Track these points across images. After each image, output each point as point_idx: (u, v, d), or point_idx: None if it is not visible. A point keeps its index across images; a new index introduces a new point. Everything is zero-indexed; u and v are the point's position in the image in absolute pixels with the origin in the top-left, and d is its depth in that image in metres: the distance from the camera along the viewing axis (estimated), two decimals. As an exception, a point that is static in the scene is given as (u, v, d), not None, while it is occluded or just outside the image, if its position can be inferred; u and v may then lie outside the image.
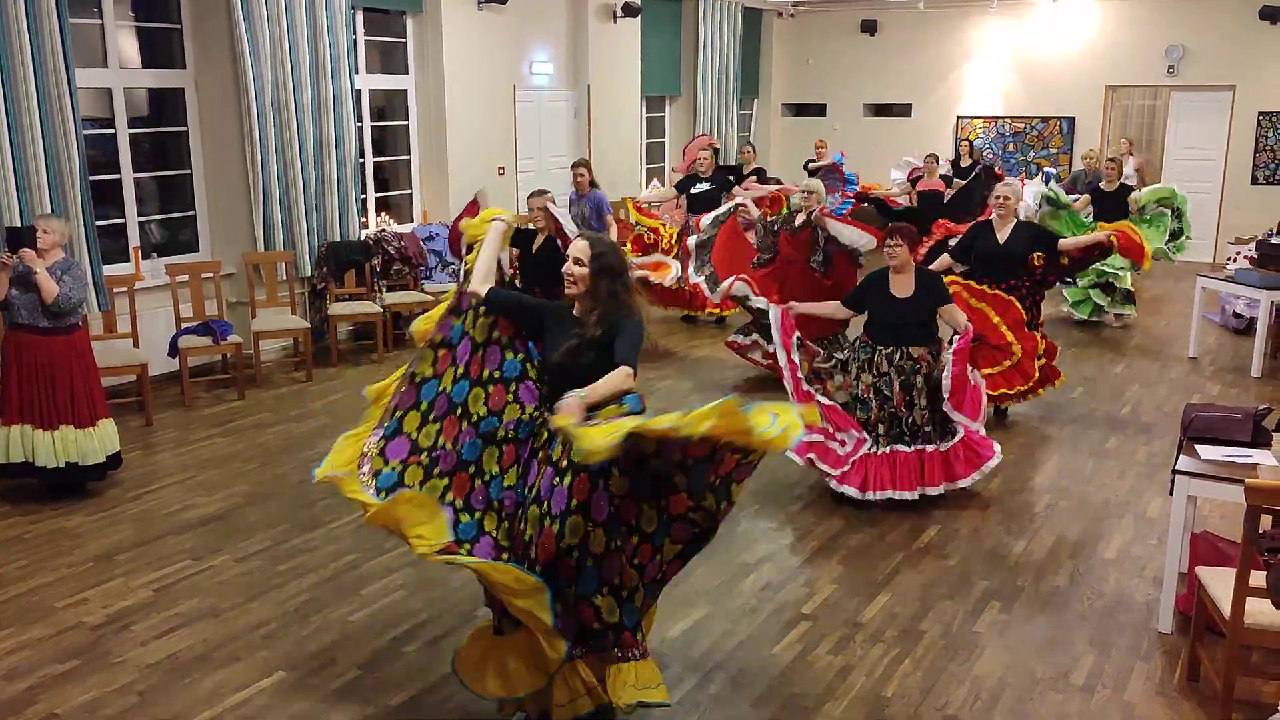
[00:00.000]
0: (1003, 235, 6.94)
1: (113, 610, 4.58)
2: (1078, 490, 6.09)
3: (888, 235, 5.77)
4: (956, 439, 5.68)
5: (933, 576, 4.97)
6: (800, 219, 7.84)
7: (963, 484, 5.71)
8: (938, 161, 12.25)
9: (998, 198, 7.02)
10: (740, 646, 4.32)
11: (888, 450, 5.68)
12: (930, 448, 5.68)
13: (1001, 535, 5.45)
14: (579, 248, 3.65)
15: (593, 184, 9.02)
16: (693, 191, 10.22)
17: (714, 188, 10.13)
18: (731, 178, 11.07)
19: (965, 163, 13.15)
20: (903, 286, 5.73)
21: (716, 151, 11.57)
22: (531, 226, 6.34)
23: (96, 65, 7.75)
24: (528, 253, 6.25)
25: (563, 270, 3.66)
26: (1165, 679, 4.10)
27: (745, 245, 8.34)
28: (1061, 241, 7.14)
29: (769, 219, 8.35)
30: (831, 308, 6.12)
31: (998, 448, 5.71)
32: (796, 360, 5.74)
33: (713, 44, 14.15)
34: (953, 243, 7.31)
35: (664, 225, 10.10)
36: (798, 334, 5.87)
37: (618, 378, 3.42)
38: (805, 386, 5.70)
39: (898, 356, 5.66)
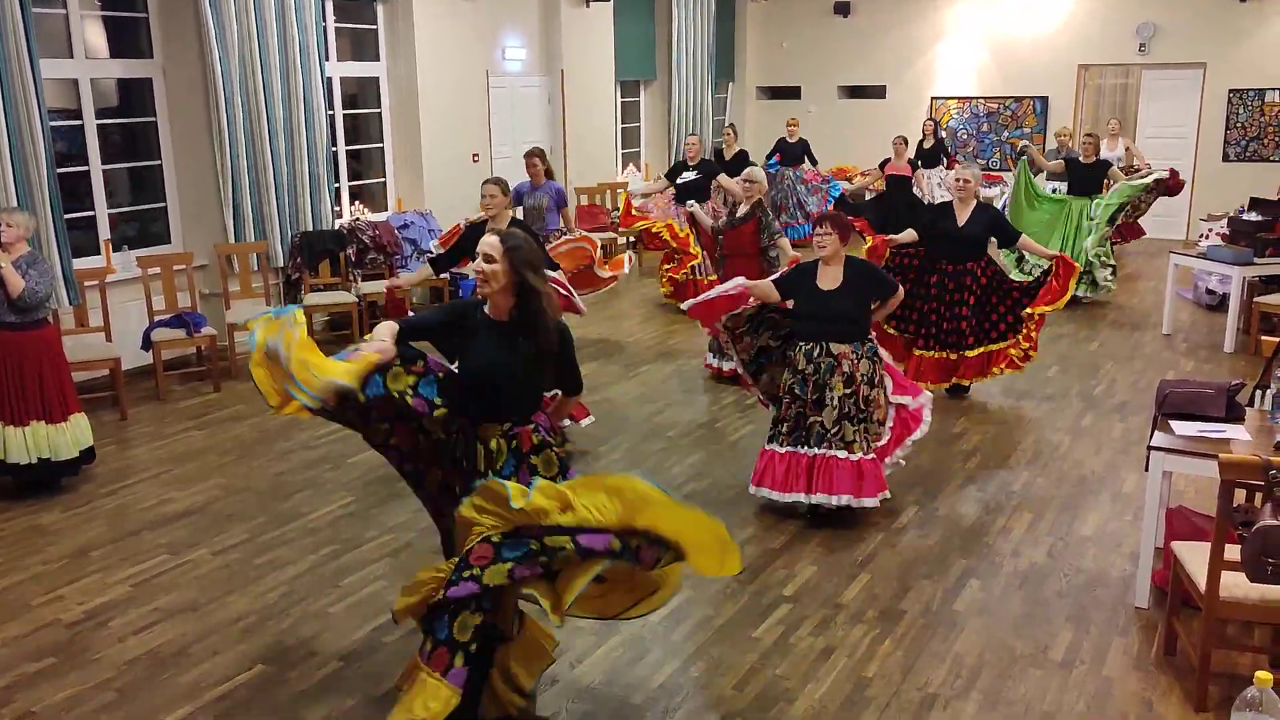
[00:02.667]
0: (962, 217, 6.94)
1: (89, 606, 4.54)
2: (1054, 467, 6.12)
3: (816, 223, 5.32)
4: (862, 455, 5.20)
5: (911, 556, 4.99)
6: (743, 209, 7.55)
7: (862, 503, 5.21)
8: (906, 144, 12.15)
9: (958, 180, 6.99)
10: (721, 629, 4.32)
11: (786, 450, 5.27)
12: (832, 454, 5.18)
13: (979, 514, 5.48)
14: (489, 244, 3.43)
15: (548, 174, 8.50)
16: (679, 181, 10.16)
17: (701, 176, 10.08)
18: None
19: (928, 144, 12.98)
20: (830, 278, 5.27)
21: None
22: (485, 216, 6.10)
23: (62, 55, 7.64)
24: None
25: (472, 270, 3.48)
26: (1142, 653, 4.14)
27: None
28: (1022, 240, 7.24)
29: (720, 221, 7.98)
30: (766, 286, 5.48)
31: (885, 495, 5.28)
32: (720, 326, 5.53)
33: (686, 28, 14.10)
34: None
35: (659, 221, 9.65)
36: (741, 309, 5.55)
37: (569, 407, 3.81)
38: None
39: (816, 352, 5.22)
